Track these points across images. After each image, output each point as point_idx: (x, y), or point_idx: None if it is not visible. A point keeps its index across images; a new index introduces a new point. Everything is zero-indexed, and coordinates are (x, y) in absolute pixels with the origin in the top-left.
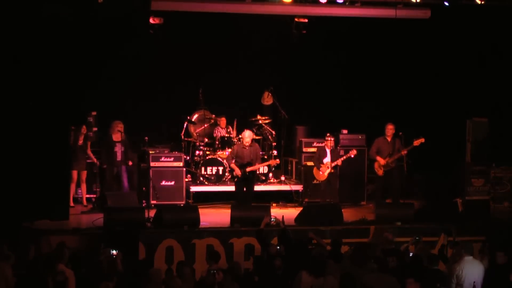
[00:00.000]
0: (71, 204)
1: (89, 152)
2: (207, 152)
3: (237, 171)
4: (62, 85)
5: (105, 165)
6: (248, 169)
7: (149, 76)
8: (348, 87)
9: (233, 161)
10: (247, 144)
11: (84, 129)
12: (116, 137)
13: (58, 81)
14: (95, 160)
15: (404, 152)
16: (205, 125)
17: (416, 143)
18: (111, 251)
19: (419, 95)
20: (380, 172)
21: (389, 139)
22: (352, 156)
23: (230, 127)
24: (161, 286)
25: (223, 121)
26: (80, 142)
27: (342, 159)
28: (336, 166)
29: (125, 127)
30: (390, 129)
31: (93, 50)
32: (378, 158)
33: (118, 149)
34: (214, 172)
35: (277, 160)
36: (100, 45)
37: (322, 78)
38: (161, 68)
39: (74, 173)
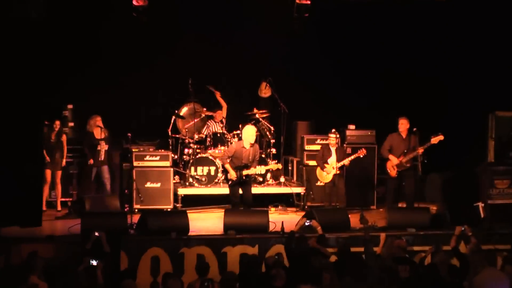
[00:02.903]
0: (44, 208)
1: (64, 150)
2: (198, 150)
3: (232, 174)
4: (34, 76)
5: (90, 162)
6: (245, 173)
7: (132, 64)
8: (356, 77)
9: (228, 161)
10: (250, 143)
11: (57, 125)
12: (98, 134)
13: (30, 72)
14: (63, 161)
15: (420, 150)
16: (195, 120)
17: (434, 140)
18: (91, 261)
19: (435, 86)
20: (393, 172)
21: (403, 135)
22: (362, 156)
23: (223, 118)
24: None
25: (219, 114)
26: (52, 139)
27: (350, 158)
28: (343, 166)
29: (105, 122)
30: (403, 124)
31: (70, 36)
32: (391, 157)
33: (101, 147)
34: (205, 173)
35: (279, 165)
36: (77, 30)
37: (326, 67)
38: (145, 56)
39: (48, 173)
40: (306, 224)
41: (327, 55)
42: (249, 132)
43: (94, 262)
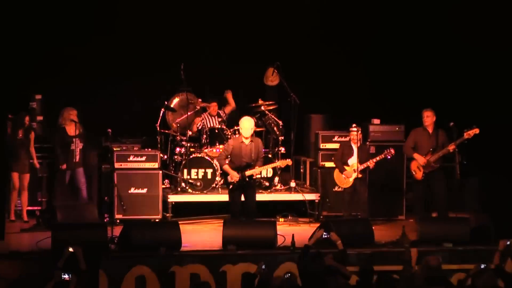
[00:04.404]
0: (12, 217)
1: (31, 149)
2: (192, 149)
3: (233, 176)
4: None
5: (62, 167)
6: (248, 173)
7: (113, 47)
8: (380, 63)
9: (227, 162)
10: (248, 137)
11: (26, 119)
12: (71, 130)
13: None
14: (36, 162)
15: (451, 147)
16: (189, 113)
17: (468, 134)
18: (63, 276)
19: (474, 73)
20: (419, 175)
21: (430, 130)
22: (389, 157)
23: (222, 111)
24: None
25: (214, 107)
26: (20, 135)
27: (374, 160)
28: (366, 169)
29: (81, 115)
30: (428, 116)
31: (37, 16)
32: (416, 155)
33: (75, 146)
34: (200, 176)
35: (288, 160)
36: (47, 9)
37: (344, 51)
38: (128, 37)
39: (15, 177)
40: (324, 237)
41: (345, 37)
42: (246, 124)
43: (67, 277)
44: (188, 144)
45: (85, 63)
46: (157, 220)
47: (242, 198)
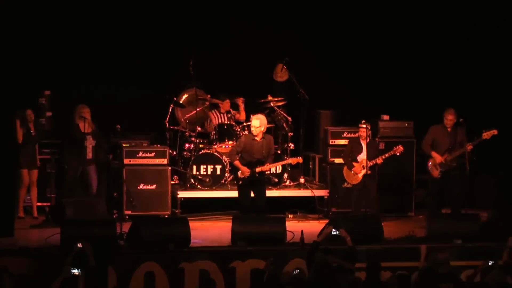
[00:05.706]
0: (21, 214)
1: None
2: (201, 145)
3: (244, 171)
4: (4, 56)
5: (67, 165)
6: (258, 169)
7: (121, 42)
8: (390, 58)
9: (238, 158)
10: (259, 134)
11: (30, 115)
12: (84, 126)
13: None
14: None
15: (469, 147)
16: (198, 109)
17: (486, 135)
18: (72, 271)
19: (486, 70)
20: (435, 172)
21: (449, 128)
22: (398, 153)
23: (234, 111)
24: None
25: (227, 103)
26: (24, 130)
27: (383, 156)
28: (375, 165)
29: (90, 112)
30: (450, 120)
31: (45, 11)
32: (434, 154)
33: (89, 143)
34: (209, 172)
35: (299, 158)
36: (55, 5)
37: (354, 46)
38: (137, 31)
39: (25, 173)
40: (333, 233)
41: (354, 33)
42: (257, 121)
43: (76, 272)
44: (197, 140)
45: (94, 59)
46: (166, 216)
47: (252, 194)
